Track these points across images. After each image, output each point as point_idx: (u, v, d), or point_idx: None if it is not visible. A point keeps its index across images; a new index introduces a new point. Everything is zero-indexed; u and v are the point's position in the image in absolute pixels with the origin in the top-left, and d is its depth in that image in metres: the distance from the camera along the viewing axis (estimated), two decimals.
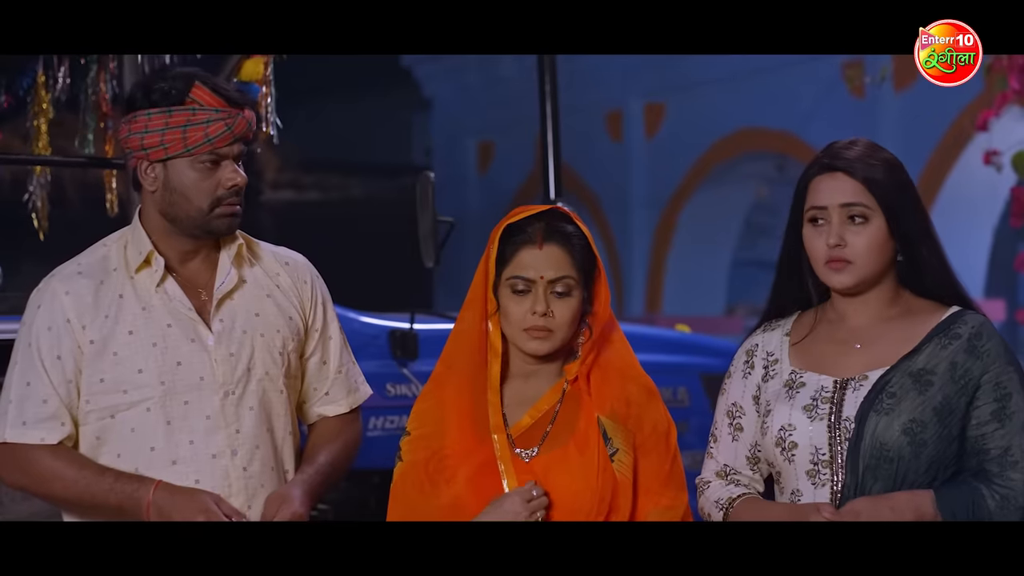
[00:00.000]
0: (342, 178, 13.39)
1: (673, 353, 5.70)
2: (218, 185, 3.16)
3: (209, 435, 3.16)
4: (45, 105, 5.24)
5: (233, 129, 3.16)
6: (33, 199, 5.37)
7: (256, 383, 3.21)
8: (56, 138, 5.36)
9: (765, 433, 3.03)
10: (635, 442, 2.97)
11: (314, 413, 3.37)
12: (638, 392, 3.02)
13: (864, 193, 2.98)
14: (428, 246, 5.24)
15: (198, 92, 3.15)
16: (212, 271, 3.23)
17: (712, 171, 11.88)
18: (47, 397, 3.14)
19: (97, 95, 5.23)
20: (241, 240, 3.27)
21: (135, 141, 3.17)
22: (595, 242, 3.05)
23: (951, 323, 3.00)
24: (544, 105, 5.74)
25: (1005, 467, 2.93)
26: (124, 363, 3.14)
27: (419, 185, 5.30)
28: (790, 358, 3.07)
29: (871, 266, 2.99)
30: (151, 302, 3.17)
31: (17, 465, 3.15)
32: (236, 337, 3.20)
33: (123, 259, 3.21)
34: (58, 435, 3.14)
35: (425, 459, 3.00)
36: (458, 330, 3.07)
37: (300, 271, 3.34)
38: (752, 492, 3.09)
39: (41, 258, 4.41)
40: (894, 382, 2.96)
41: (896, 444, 2.92)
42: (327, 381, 3.36)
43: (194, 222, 3.18)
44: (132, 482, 3.11)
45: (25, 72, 5.27)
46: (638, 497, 2.96)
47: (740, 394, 3.11)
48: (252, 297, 3.25)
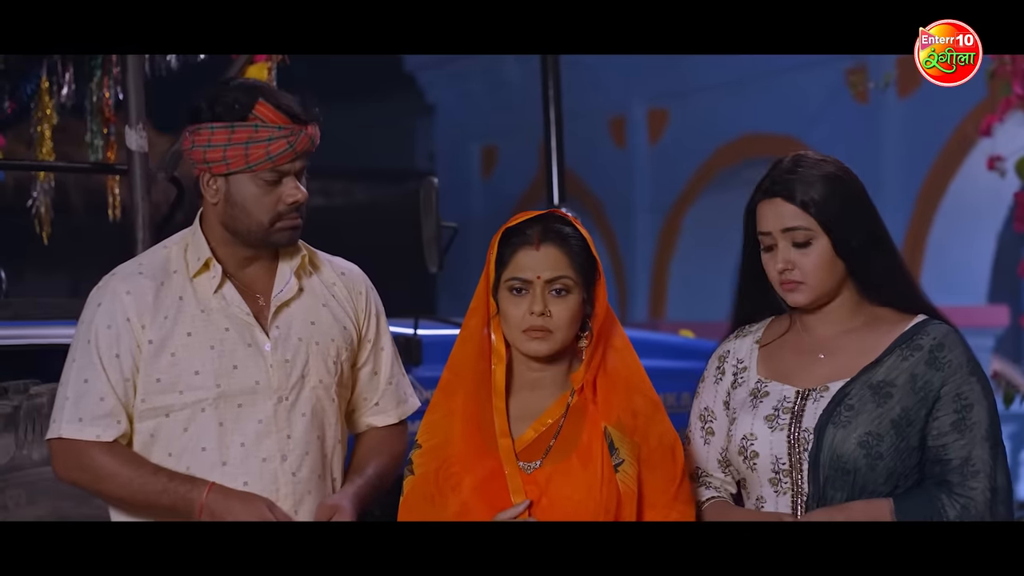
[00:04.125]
0: (346, 183, 13.39)
1: (677, 358, 5.70)
2: (279, 201, 3.18)
3: (260, 439, 3.18)
4: (49, 111, 5.25)
5: (295, 147, 3.17)
6: (37, 205, 5.38)
7: (310, 390, 3.23)
8: (60, 144, 5.37)
9: (730, 441, 3.07)
10: (640, 455, 2.97)
11: (363, 423, 3.39)
12: (644, 404, 3.02)
13: (802, 216, 3.00)
14: (432, 251, 5.24)
15: (261, 108, 3.16)
16: (270, 277, 3.26)
17: (716, 176, 11.86)
18: (104, 395, 3.16)
19: (101, 101, 5.23)
20: (304, 251, 3.29)
21: (198, 154, 3.19)
22: (598, 247, 3.05)
23: (914, 334, 3.03)
24: (548, 110, 5.74)
25: (966, 476, 2.94)
26: (181, 364, 3.17)
27: (423, 190, 5.31)
28: (757, 366, 3.11)
29: (824, 284, 3.02)
30: (210, 305, 3.20)
31: (72, 461, 3.18)
32: (292, 344, 3.22)
33: (183, 262, 3.24)
34: (114, 432, 3.17)
35: (435, 470, 3.00)
36: (462, 337, 3.08)
37: (355, 282, 3.37)
38: (722, 495, 3.13)
39: (44, 263, 4.43)
40: (853, 394, 2.99)
41: (852, 456, 2.95)
42: (378, 391, 3.38)
43: (254, 235, 3.20)
44: (185, 483, 3.13)
45: (29, 78, 5.28)
46: (644, 511, 2.96)
47: (712, 399, 3.15)
48: (309, 306, 3.27)
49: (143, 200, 4.49)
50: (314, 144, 3.21)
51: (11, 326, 4.47)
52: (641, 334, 6.31)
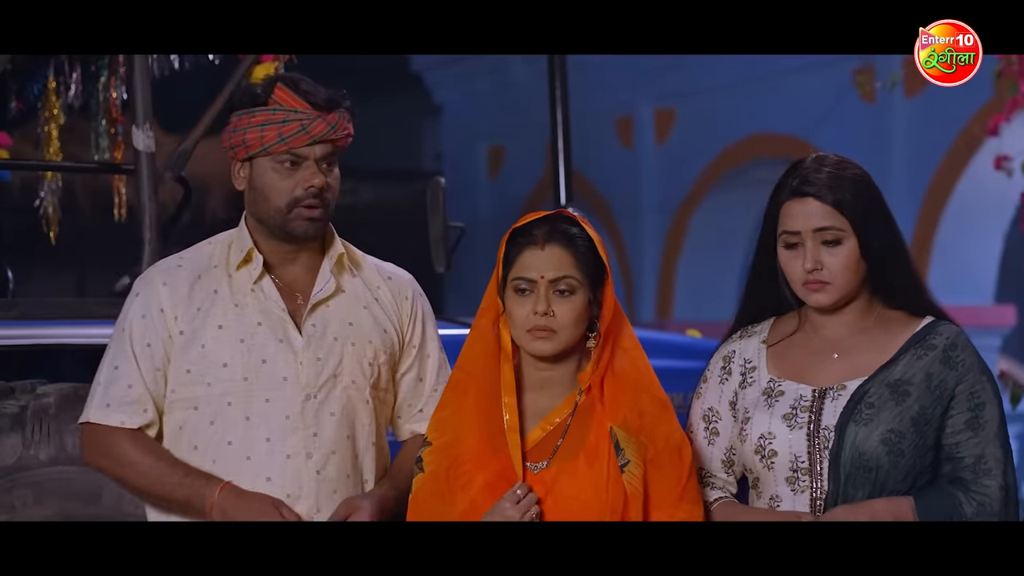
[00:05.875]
0: (352, 183, 13.37)
1: (684, 358, 5.70)
2: (296, 185, 3.19)
3: (286, 435, 3.18)
4: (56, 111, 5.26)
5: (309, 130, 3.18)
6: (44, 205, 5.38)
7: (341, 390, 3.22)
8: (67, 144, 5.37)
9: (744, 440, 3.07)
10: (647, 455, 2.97)
11: (407, 430, 3.38)
12: (651, 404, 3.02)
13: (836, 216, 3.01)
14: (439, 251, 5.24)
15: (280, 93, 3.20)
16: (312, 277, 3.27)
17: (723, 176, 11.85)
18: (132, 382, 3.19)
19: (108, 101, 5.24)
20: (343, 249, 3.30)
21: (226, 141, 3.24)
22: (606, 247, 3.06)
23: (926, 334, 3.05)
24: (554, 110, 5.74)
25: (979, 474, 2.98)
26: (210, 356, 3.18)
27: (429, 190, 5.31)
28: (767, 365, 3.11)
29: (848, 284, 3.03)
30: (245, 300, 3.22)
31: (98, 446, 3.21)
32: (327, 343, 3.22)
33: (225, 257, 3.26)
34: (139, 420, 3.19)
35: (446, 468, 3.01)
36: (472, 336, 3.08)
37: (402, 286, 3.37)
38: (727, 495, 3.13)
39: (52, 263, 4.44)
40: (872, 392, 3.00)
41: (875, 454, 2.96)
42: (422, 398, 3.37)
43: (274, 222, 3.22)
44: (200, 479, 3.14)
45: (36, 78, 5.28)
46: (650, 512, 2.96)
47: (716, 399, 3.15)
48: (348, 306, 3.27)
49: (150, 200, 4.50)
50: (335, 131, 3.21)
51: (18, 326, 4.47)
52: (648, 334, 6.30)
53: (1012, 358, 9.98)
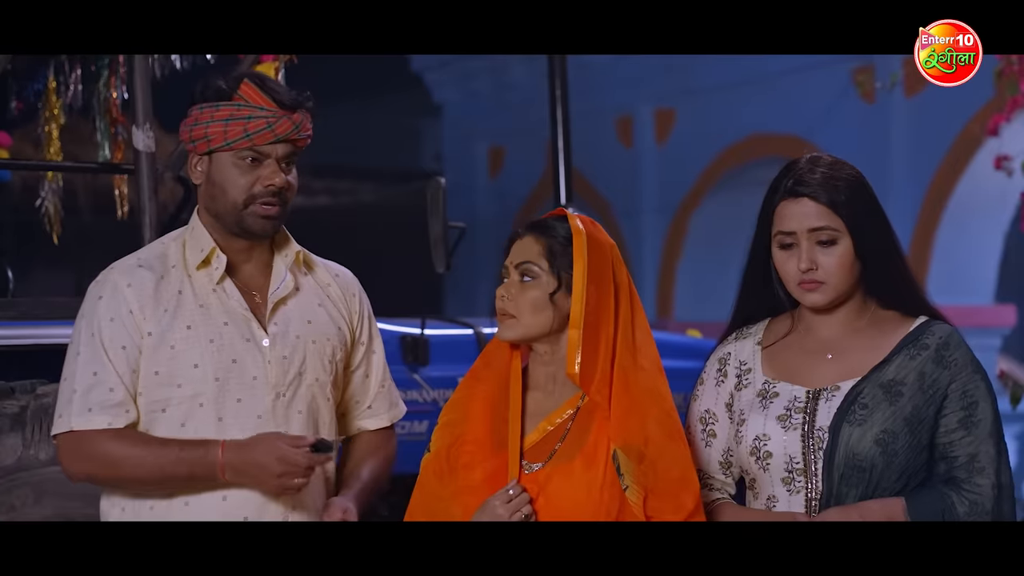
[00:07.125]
0: (352, 183, 13.39)
1: (684, 358, 5.70)
2: (256, 182, 3.19)
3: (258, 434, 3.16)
4: (56, 111, 5.25)
5: (274, 128, 3.18)
6: (45, 205, 5.38)
7: (306, 388, 3.23)
8: (67, 144, 5.37)
9: (740, 442, 3.08)
10: (647, 484, 2.96)
11: (355, 426, 3.40)
12: (658, 432, 2.99)
13: (830, 216, 3.02)
14: (439, 251, 5.25)
15: (246, 89, 3.19)
16: (266, 275, 3.27)
17: (723, 176, 11.86)
18: (114, 386, 3.16)
19: (108, 101, 5.24)
20: (297, 248, 3.30)
21: (186, 134, 3.23)
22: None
23: (919, 334, 3.06)
24: (554, 111, 5.74)
25: (973, 473, 2.98)
26: (180, 357, 3.17)
27: (429, 190, 5.31)
28: (763, 367, 3.11)
29: (842, 285, 3.04)
30: (208, 300, 3.21)
31: (83, 453, 3.16)
32: (290, 341, 3.22)
33: (182, 257, 3.25)
34: (124, 421, 3.16)
35: (448, 444, 3.06)
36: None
37: (349, 284, 3.39)
38: (725, 497, 3.14)
39: (53, 263, 4.43)
40: (866, 393, 3.01)
41: (869, 454, 2.97)
42: (370, 395, 3.39)
43: (230, 216, 3.21)
44: (198, 448, 3.12)
45: (36, 78, 5.28)
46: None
47: (713, 401, 3.16)
48: (305, 304, 3.28)
49: (150, 200, 4.50)
50: (298, 131, 3.20)
51: (18, 326, 4.47)
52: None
53: (1012, 358, 9.98)
